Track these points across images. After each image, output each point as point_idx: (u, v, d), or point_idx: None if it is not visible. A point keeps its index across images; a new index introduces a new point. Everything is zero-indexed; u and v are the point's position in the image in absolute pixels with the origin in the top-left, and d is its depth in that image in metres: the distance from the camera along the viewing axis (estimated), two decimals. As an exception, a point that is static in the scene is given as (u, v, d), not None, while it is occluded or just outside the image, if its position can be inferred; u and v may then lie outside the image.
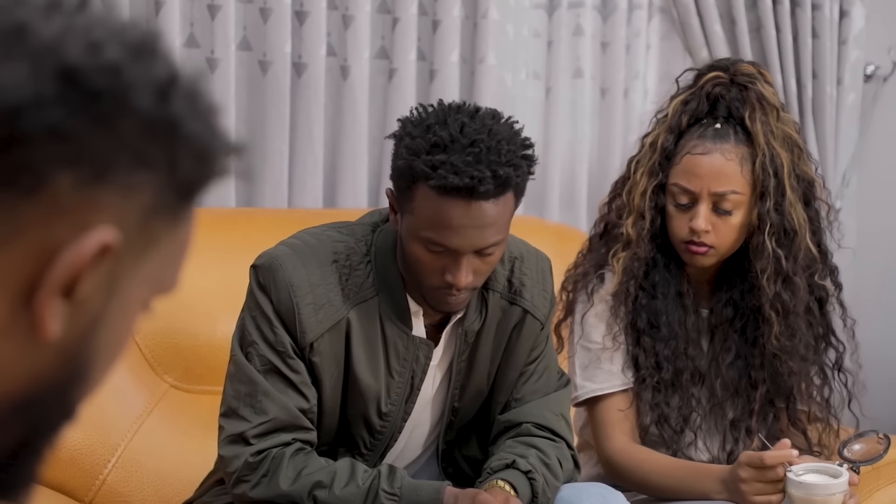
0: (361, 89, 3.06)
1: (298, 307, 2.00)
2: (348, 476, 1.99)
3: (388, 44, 3.12)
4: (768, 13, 3.47)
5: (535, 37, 3.34)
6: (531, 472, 2.06)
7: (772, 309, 2.31)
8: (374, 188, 3.15)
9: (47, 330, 0.79)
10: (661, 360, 2.34)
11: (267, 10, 2.95)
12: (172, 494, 2.43)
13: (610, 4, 3.39)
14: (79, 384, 0.84)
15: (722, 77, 2.33)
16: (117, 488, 2.44)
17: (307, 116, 3.01)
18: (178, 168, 0.82)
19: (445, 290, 1.96)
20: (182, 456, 2.47)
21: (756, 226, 2.28)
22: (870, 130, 3.76)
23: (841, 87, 3.64)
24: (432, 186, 1.86)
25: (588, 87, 3.39)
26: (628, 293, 2.34)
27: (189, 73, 0.84)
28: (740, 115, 2.30)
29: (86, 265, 0.79)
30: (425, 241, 1.91)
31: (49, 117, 0.78)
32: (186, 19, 2.89)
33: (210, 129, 0.84)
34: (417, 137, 1.89)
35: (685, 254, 2.31)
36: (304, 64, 3.00)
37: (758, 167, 2.27)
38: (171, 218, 0.83)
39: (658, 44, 3.52)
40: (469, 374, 2.14)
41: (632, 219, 2.33)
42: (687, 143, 2.30)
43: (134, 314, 0.85)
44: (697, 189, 2.26)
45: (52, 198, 0.78)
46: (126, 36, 0.82)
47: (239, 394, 2.02)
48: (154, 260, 0.84)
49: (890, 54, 3.73)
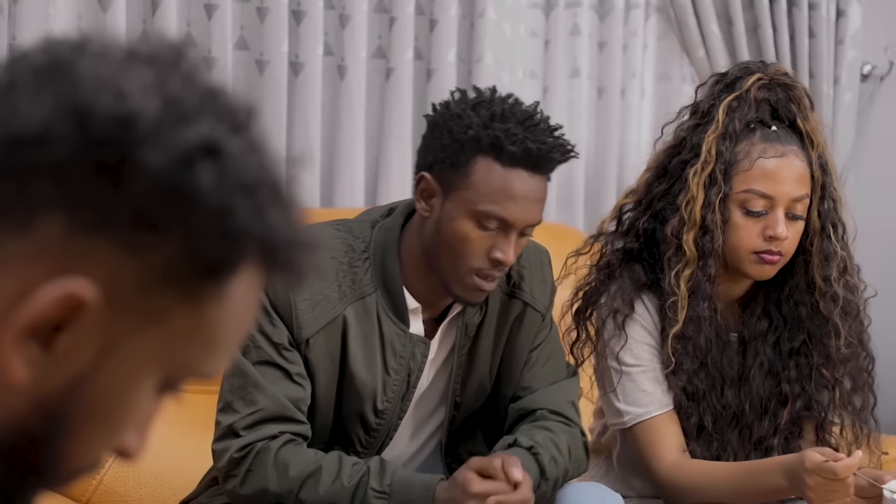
0: (358, 88, 3.05)
1: (295, 303, 2.00)
2: (335, 473, 1.97)
3: (385, 43, 3.12)
4: (765, 13, 3.47)
5: (531, 36, 3.34)
6: (534, 447, 2.03)
7: (841, 313, 2.21)
8: (371, 187, 3.15)
9: (11, 372, 0.76)
10: (707, 405, 2.22)
11: (264, 10, 2.95)
12: (169, 494, 2.43)
13: (607, 4, 3.39)
14: (58, 439, 0.80)
15: (764, 79, 2.21)
16: (114, 488, 2.44)
17: (304, 115, 3.00)
18: (196, 241, 0.78)
19: (486, 272, 1.96)
20: (179, 455, 2.46)
21: (819, 228, 2.19)
22: (867, 130, 3.77)
23: (838, 86, 3.64)
24: (498, 156, 1.91)
25: (585, 86, 3.38)
26: (701, 320, 2.18)
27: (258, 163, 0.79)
28: (790, 117, 2.20)
29: (48, 311, 0.75)
30: (482, 216, 1.93)
31: (51, 155, 0.76)
32: (183, 19, 2.89)
33: (258, 212, 0.79)
34: (469, 112, 1.92)
35: (754, 265, 2.17)
36: (300, 63, 2.99)
37: (816, 168, 2.18)
38: (185, 293, 0.79)
39: (655, 43, 3.52)
40: (470, 368, 2.13)
41: (692, 234, 2.16)
42: (752, 149, 2.17)
43: (138, 385, 0.81)
44: (777, 194, 2.15)
45: (42, 237, 0.76)
46: (178, 88, 0.79)
47: (233, 387, 2.02)
48: (164, 334, 0.79)
49: (887, 54, 3.73)
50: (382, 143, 3.11)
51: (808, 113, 2.21)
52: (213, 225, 0.78)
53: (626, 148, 3.45)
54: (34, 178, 0.76)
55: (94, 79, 0.77)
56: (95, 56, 0.79)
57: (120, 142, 0.76)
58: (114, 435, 0.83)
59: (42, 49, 0.80)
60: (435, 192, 1.98)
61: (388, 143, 3.11)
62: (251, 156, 0.80)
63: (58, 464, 0.82)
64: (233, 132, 0.79)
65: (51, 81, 0.78)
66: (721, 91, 2.22)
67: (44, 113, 0.76)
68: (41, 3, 2.64)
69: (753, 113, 2.19)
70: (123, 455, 0.85)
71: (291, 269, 0.82)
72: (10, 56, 0.81)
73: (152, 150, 0.76)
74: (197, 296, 0.79)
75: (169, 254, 0.77)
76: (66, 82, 0.77)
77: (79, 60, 0.79)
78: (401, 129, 3.10)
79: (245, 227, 0.78)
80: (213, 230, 0.78)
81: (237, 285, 0.81)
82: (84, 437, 0.81)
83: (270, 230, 0.80)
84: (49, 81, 0.78)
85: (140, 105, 0.77)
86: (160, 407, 0.85)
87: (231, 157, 0.78)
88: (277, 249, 0.80)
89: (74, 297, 0.75)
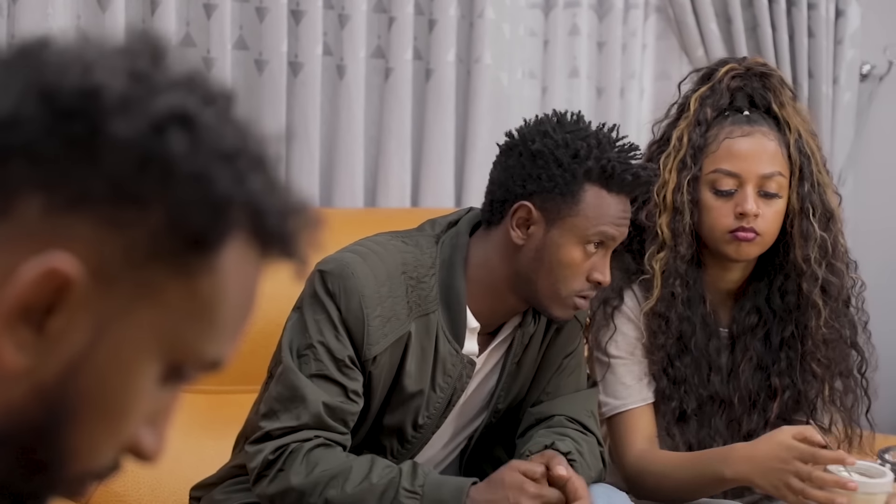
0: (357, 88, 3.05)
1: (368, 319, 1.96)
2: (364, 473, 1.95)
3: (384, 43, 3.12)
4: (764, 12, 3.47)
5: (531, 36, 3.34)
6: (570, 454, 2.04)
7: (821, 294, 2.23)
8: (370, 187, 3.15)
9: (4, 357, 0.76)
10: (689, 388, 2.25)
11: (263, 10, 2.95)
12: (168, 494, 2.43)
13: (606, 4, 3.39)
14: (61, 430, 0.79)
15: (737, 68, 2.27)
16: (114, 488, 2.44)
17: (303, 116, 3.00)
18: (177, 211, 0.77)
19: (586, 293, 2.01)
20: (178, 455, 2.46)
21: (798, 209, 2.21)
22: (866, 130, 3.77)
23: (837, 86, 3.65)
24: (607, 184, 1.97)
25: (584, 86, 3.39)
26: (674, 297, 2.23)
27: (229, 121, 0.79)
28: (765, 103, 2.24)
29: (32, 290, 0.75)
30: (590, 241, 1.98)
31: (23, 136, 0.76)
32: (182, 19, 2.89)
33: (239, 179, 0.78)
34: (578, 142, 1.97)
35: (730, 245, 2.19)
36: (300, 63, 2.99)
37: (793, 150, 2.21)
38: (175, 266, 0.78)
39: (654, 43, 3.52)
40: (516, 375, 2.14)
41: (665, 217, 2.22)
42: (720, 132, 2.22)
43: (138, 368, 0.80)
44: (743, 172, 2.19)
45: (22, 219, 0.76)
46: (146, 67, 0.78)
47: (281, 397, 1.99)
48: (159, 311, 0.79)
49: (886, 53, 3.73)
50: (382, 143, 3.11)
51: (784, 99, 2.25)
52: (192, 194, 0.77)
53: (626, 148, 3.45)
54: (9, 162, 0.76)
55: (61, 61, 0.78)
56: (63, 45, 0.80)
57: (87, 114, 0.76)
58: (120, 427, 0.81)
59: (12, 45, 0.81)
60: (535, 221, 1.98)
61: (387, 143, 3.11)
62: (227, 126, 0.80)
63: (65, 462, 0.81)
64: (205, 103, 0.79)
65: (19, 68, 0.78)
66: (698, 84, 2.30)
67: (12, 96, 0.77)
68: (40, 2, 2.64)
69: (727, 101, 2.25)
70: (140, 455, 0.84)
71: (285, 239, 0.81)
72: None
73: (121, 121, 0.76)
74: (188, 269, 0.78)
75: (152, 226, 0.77)
76: (33, 67, 0.78)
77: (46, 48, 0.79)
78: (400, 129, 3.10)
79: (226, 194, 0.78)
80: (192, 199, 0.77)
81: (229, 257, 0.80)
82: (89, 429, 0.80)
83: (254, 197, 0.79)
84: (17, 68, 0.78)
85: (106, 78, 0.77)
86: (174, 402, 0.84)
87: (205, 127, 0.78)
88: (265, 216, 0.80)
89: (57, 272, 0.75)
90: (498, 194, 2.02)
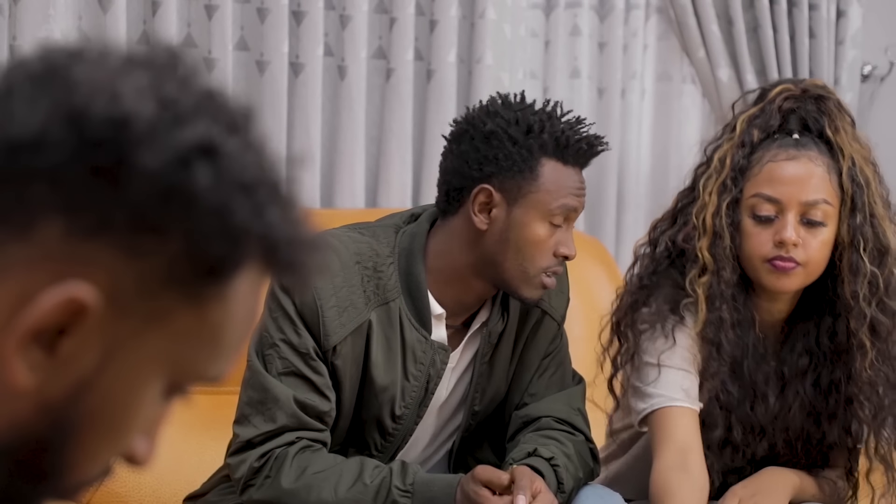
0: (359, 89, 3.06)
1: (322, 310, 1.98)
2: (356, 475, 1.96)
3: (385, 44, 3.12)
4: (765, 13, 3.47)
5: (532, 37, 3.34)
6: (553, 459, 2.03)
7: (869, 333, 2.09)
8: (371, 187, 3.15)
9: (14, 377, 0.76)
10: (737, 416, 2.15)
11: (264, 10, 2.95)
12: (169, 494, 2.43)
13: (607, 4, 3.39)
14: (65, 446, 0.80)
15: (792, 90, 2.16)
16: (114, 489, 2.44)
17: (304, 116, 3.01)
18: (196, 242, 0.77)
19: (553, 269, 2.01)
20: (179, 456, 2.46)
21: (848, 242, 2.09)
22: (867, 130, 3.75)
23: (838, 87, 3.64)
24: (562, 156, 1.98)
25: (585, 86, 3.38)
26: (722, 322, 2.11)
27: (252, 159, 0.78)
28: (819, 128, 2.13)
29: (50, 316, 0.75)
30: (554, 215, 1.99)
31: (48, 160, 0.76)
32: (183, 19, 2.89)
33: (257, 211, 0.78)
34: (530, 117, 1.98)
35: (769, 275, 2.09)
36: (301, 64, 2.99)
37: (845, 177, 2.09)
38: (188, 294, 0.79)
39: (655, 44, 3.52)
40: (489, 375, 2.14)
41: (705, 241, 2.11)
42: (765, 154, 2.11)
43: (144, 389, 0.81)
44: (784, 198, 2.07)
45: (42, 242, 0.76)
46: (173, 91, 0.78)
47: (252, 401, 2.00)
48: (167, 336, 0.79)
49: (887, 54, 3.73)
50: (382, 143, 3.12)
51: (841, 124, 2.13)
52: (213, 225, 0.77)
53: (627, 148, 3.45)
54: (32, 184, 0.76)
55: (90, 83, 0.78)
56: (91, 62, 0.79)
57: (115, 144, 0.76)
58: (121, 441, 0.82)
59: (38, 56, 0.81)
60: (496, 203, 1.98)
61: (388, 143, 3.11)
62: (249, 155, 0.80)
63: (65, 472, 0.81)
64: (230, 132, 0.79)
65: (46, 87, 0.78)
66: (750, 105, 2.21)
67: (39, 118, 0.76)
68: (42, 3, 2.64)
69: (776, 123, 2.14)
70: (133, 461, 0.85)
71: (294, 268, 0.82)
72: (7, 64, 0.81)
73: (148, 152, 0.76)
74: (200, 297, 0.79)
75: (170, 255, 0.77)
76: (61, 87, 0.77)
77: (74, 66, 0.79)
78: (401, 130, 3.10)
79: (245, 226, 0.78)
80: (212, 230, 0.77)
81: (240, 285, 0.81)
82: (91, 443, 0.81)
83: (270, 229, 0.79)
84: (45, 87, 0.78)
85: (135, 107, 0.77)
86: (168, 412, 0.85)
87: (228, 157, 0.78)
88: (278, 248, 0.80)
89: (76, 301, 0.75)
90: (454, 182, 2.02)
